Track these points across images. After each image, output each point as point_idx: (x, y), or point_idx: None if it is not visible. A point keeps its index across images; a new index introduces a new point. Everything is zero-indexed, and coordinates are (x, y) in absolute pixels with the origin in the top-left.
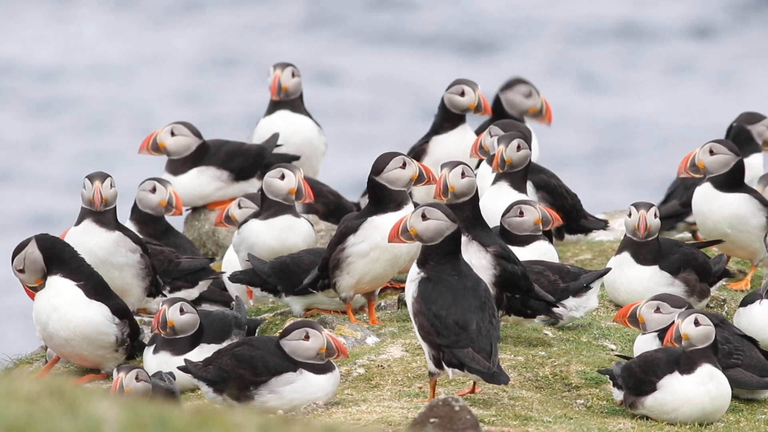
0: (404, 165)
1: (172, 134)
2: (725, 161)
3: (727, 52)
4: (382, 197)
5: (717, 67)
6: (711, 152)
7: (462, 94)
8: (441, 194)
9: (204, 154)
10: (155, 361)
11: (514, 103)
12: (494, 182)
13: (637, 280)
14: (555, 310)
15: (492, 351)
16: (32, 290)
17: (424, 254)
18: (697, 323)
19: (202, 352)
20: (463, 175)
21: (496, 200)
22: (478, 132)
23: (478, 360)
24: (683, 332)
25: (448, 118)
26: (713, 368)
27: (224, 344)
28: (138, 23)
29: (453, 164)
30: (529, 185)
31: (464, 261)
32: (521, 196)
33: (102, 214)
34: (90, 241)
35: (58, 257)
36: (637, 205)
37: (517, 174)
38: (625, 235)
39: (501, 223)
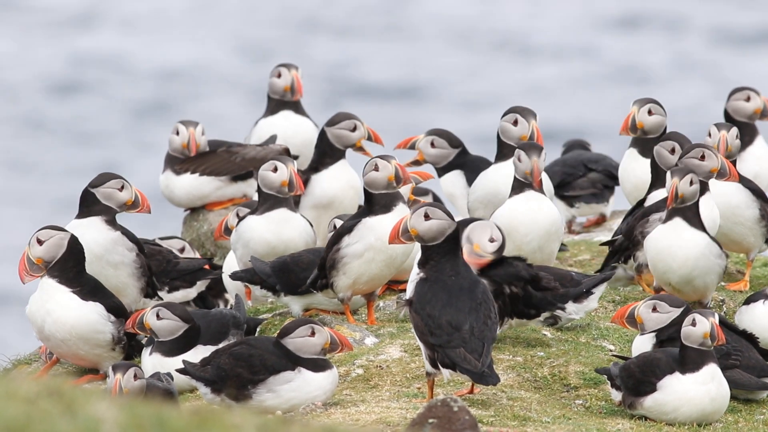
0: (377, 167)
1: (203, 134)
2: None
3: None
4: (369, 199)
5: None
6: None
7: (354, 129)
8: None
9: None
10: (150, 361)
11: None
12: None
13: (695, 245)
14: (558, 306)
15: (483, 351)
16: (28, 267)
17: (425, 255)
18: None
19: (197, 354)
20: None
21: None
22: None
23: (469, 360)
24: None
25: (329, 154)
26: (715, 368)
27: (221, 345)
28: None
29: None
30: None
31: (463, 261)
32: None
33: (112, 215)
34: (88, 236)
35: (73, 259)
36: (672, 172)
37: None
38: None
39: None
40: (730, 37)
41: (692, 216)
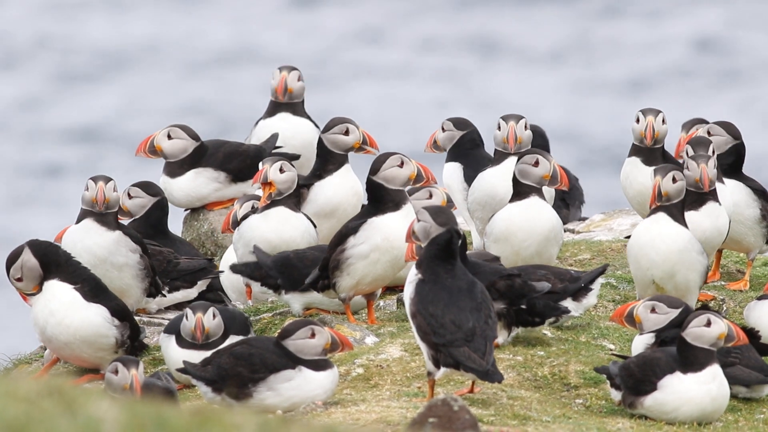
0: (402, 164)
1: (169, 137)
2: (723, 142)
3: None
4: (380, 197)
5: None
6: (709, 133)
7: (346, 132)
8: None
9: (202, 155)
10: (184, 356)
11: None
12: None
13: (678, 238)
14: (563, 310)
15: (486, 350)
16: (29, 296)
17: (420, 256)
18: (674, 180)
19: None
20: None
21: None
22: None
23: (474, 359)
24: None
25: (332, 160)
26: (716, 368)
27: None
28: None
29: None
30: None
31: (460, 265)
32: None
33: (103, 215)
34: (89, 240)
35: (54, 262)
36: (655, 171)
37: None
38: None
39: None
40: None
41: (676, 212)
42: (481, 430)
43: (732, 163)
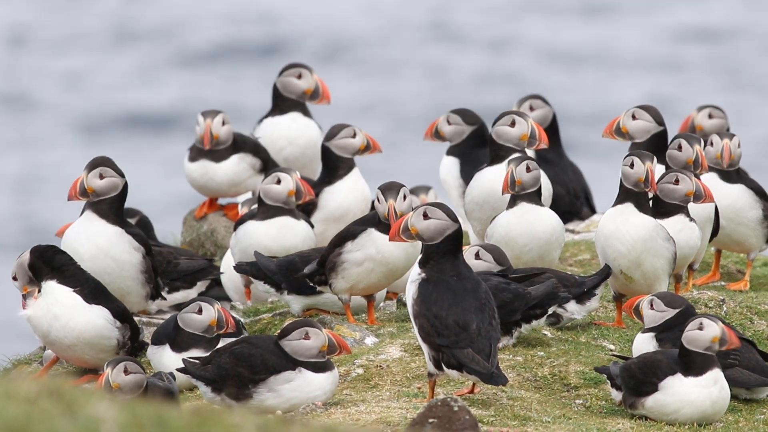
0: (379, 202)
1: (224, 123)
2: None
3: None
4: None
5: None
6: (711, 143)
7: (354, 135)
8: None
9: (235, 142)
10: (178, 359)
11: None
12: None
13: (642, 226)
14: (561, 296)
15: (491, 352)
16: (24, 297)
17: (425, 254)
18: (528, 169)
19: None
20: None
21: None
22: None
23: (477, 361)
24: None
25: (340, 166)
26: (718, 372)
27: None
28: None
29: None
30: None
31: (464, 262)
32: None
33: (102, 206)
34: (92, 229)
35: (47, 264)
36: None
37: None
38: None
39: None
40: None
41: (643, 202)
42: (481, 431)
43: (738, 170)
